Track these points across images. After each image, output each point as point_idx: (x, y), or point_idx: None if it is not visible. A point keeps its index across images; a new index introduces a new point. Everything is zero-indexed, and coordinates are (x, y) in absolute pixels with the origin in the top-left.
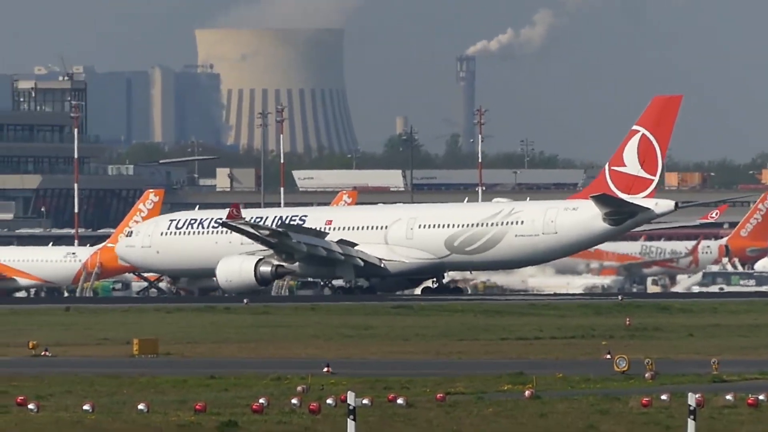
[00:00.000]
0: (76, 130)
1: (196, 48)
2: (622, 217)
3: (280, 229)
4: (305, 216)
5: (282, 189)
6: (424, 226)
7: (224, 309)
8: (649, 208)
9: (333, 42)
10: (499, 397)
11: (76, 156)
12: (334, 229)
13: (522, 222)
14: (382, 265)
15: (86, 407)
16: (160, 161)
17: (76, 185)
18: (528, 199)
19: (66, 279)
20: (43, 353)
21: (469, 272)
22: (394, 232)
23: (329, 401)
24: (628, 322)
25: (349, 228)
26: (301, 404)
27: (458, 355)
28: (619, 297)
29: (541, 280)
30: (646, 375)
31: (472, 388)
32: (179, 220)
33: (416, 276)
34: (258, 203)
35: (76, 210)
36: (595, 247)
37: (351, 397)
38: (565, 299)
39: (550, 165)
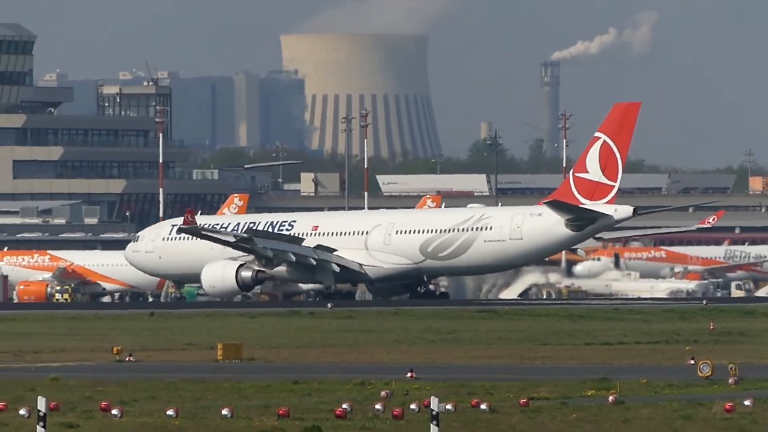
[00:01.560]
0: (161, 134)
1: (280, 53)
2: (583, 223)
3: (244, 235)
4: (294, 221)
5: (366, 193)
6: (401, 232)
7: (308, 313)
8: (608, 214)
9: (417, 47)
10: (582, 402)
11: (161, 160)
12: (320, 234)
13: (491, 228)
14: (363, 271)
15: (170, 412)
16: (245, 166)
17: (161, 190)
18: (499, 204)
19: (151, 284)
20: (127, 358)
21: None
22: (374, 237)
23: (413, 406)
24: (712, 327)
25: (333, 234)
26: (385, 409)
27: (542, 360)
28: (704, 301)
29: (626, 284)
30: (730, 380)
31: (555, 394)
32: (180, 225)
33: (398, 281)
34: (342, 207)
35: (161, 215)
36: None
37: (434, 403)
38: (650, 304)
39: (634, 170)
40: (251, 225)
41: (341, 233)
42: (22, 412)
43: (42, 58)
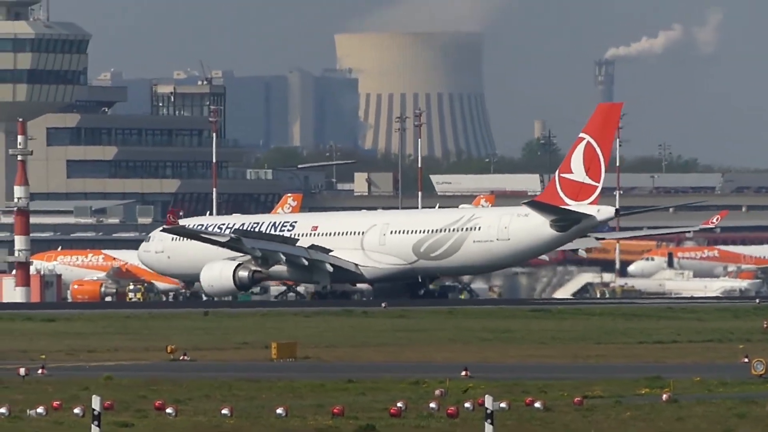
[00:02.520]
0: (214, 134)
1: (334, 52)
2: (567, 224)
3: (232, 235)
4: (295, 222)
5: (420, 193)
6: (395, 232)
7: (362, 313)
8: (590, 215)
9: (472, 46)
10: (636, 400)
11: (214, 160)
12: (319, 234)
13: (479, 228)
14: (359, 271)
15: (225, 411)
16: (299, 165)
17: (214, 189)
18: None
19: None
20: (181, 357)
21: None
22: (369, 237)
23: (467, 405)
24: (765, 326)
25: (331, 234)
26: (439, 408)
27: (596, 359)
28: (757, 300)
29: (679, 283)
30: None
31: (609, 392)
32: (189, 225)
33: (393, 281)
34: (396, 207)
35: (214, 214)
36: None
37: (489, 401)
38: (703, 302)
39: (688, 169)
40: (253, 226)
41: (339, 233)
42: (76, 411)
43: (96, 57)
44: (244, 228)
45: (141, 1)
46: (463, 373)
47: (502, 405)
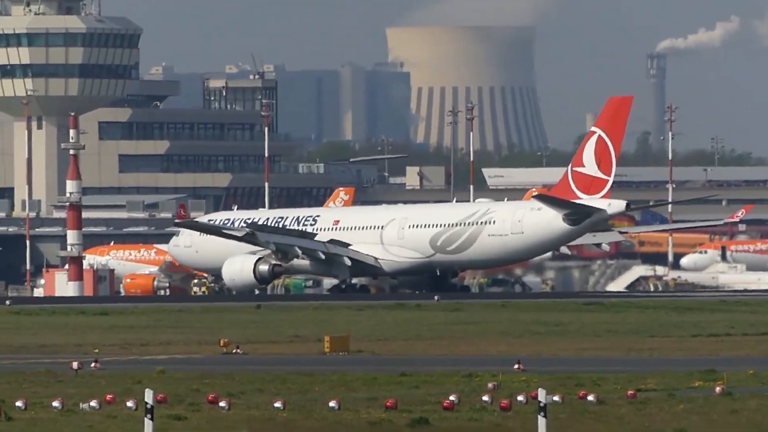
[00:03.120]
0: (266, 128)
1: (386, 46)
2: (579, 218)
3: (247, 229)
4: (318, 216)
5: (471, 187)
6: (413, 226)
7: (415, 306)
8: (601, 209)
9: (524, 39)
10: (690, 393)
11: (266, 154)
12: (340, 229)
13: (494, 222)
14: (378, 264)
15: (277, 405)
16: (351, 159)
17: (266, 183)
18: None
19: None
20: (234, 351)
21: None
22: (388, 232)
23: (520, 398)
24: None
25: (352, 228)
26: (492, 401)
27: (649, 352)
28: None
29: (732, 276)
30: None
31: (663, 385)
32: (216, 219)
33: (412, 274)
34: (448, 201)
35: (266, 208)
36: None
37: (542, 394)
38: (757, 295)
39: (741, 162)
40: (279, 220)
41: (359, 228)
42: (129, 404)
43: (148, 51)
44: (269, 222)
45: None
46: (516, 366)
47: (556, 398)
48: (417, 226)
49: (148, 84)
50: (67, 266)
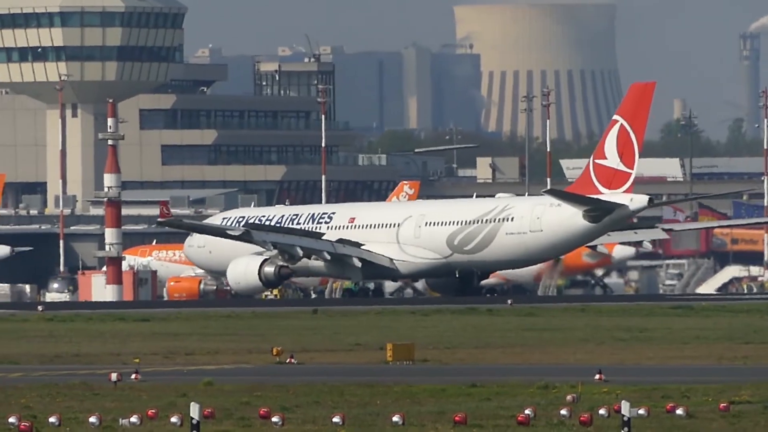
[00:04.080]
0: (323, 116)
1: (454, 25)
2: (599, 214)
3: (242, 228)
4: (333, 213)
5: (548, 179)
6: (430, 224)
7: (486, 311)
8: (623, 204)
9: (605, 18)
10: None
11: (323, 145)
12: (356, 227)
13: (512, 219)
14: (393, 266)
15: (336, 419)
16: (416, 150)
17: (323, 176)
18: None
19: (312, 282)
20: (288, 360)
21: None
22: (405, 230)
23: (602, 411)
24: None
25: (368, 226)
26: (571, 415)
27: (743, 360)
28: None
29: None
30: None
31: (758, 397)
32: (230, 218)
33: (428, 276)
34: (522, 194)
35: (323, 203)
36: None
37: (625, 407)
38: None
39: None
40: (294, 218)
41: (375, 226)
42: (173, 419)
43: (193, 32)
44: (282, 220)
45: None
46: (597, 376)
47: (641, 411)
48: (434, 224)
49: (194, 68)
50: (104, 268)
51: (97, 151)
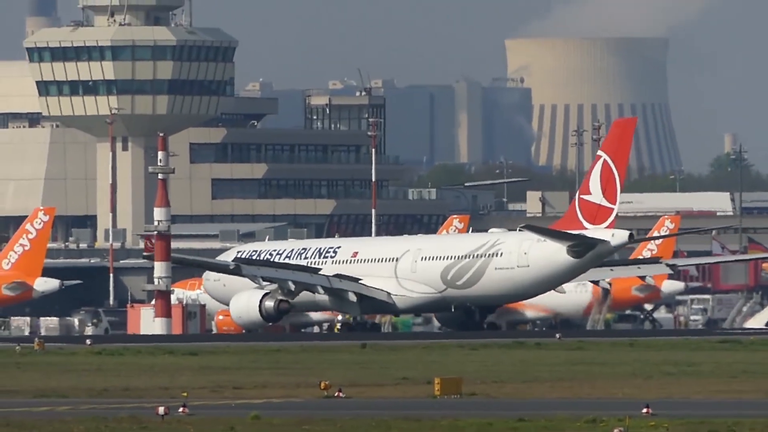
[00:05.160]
0: (373, 149)
1: (505, 59)
2: (582, 249)
3: (231, 264)
4: (339, 247)
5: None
6: (426, 259)
7: (535, 345)
8: (605, 240)
9: (656, 52)
10: None
11: (374, 179)
12: (359, 261)
13: (501, 254)
14: (391, 300)
15: None
16: (466, 184)
17: (373, 210)
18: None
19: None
20: (336, 394)
21: None
22: (402, 264)
23: None
24: None
25: (369, 260)
26: None
27: None
28: None
29: None
30: None
31: None
32: (244, 252)
33: (425, 311)
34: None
35: (373, 236)
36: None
37: None
38: None
39: None
40: (302, 251)
41: (376, 260)
42: None
43: (244, 65)
44: (291, 254)
45: (293, 5)
46: (645, 410)
47: None
48: (429, 259)
49: (244, 101)
50: (153, 301)
51: (147, 185)
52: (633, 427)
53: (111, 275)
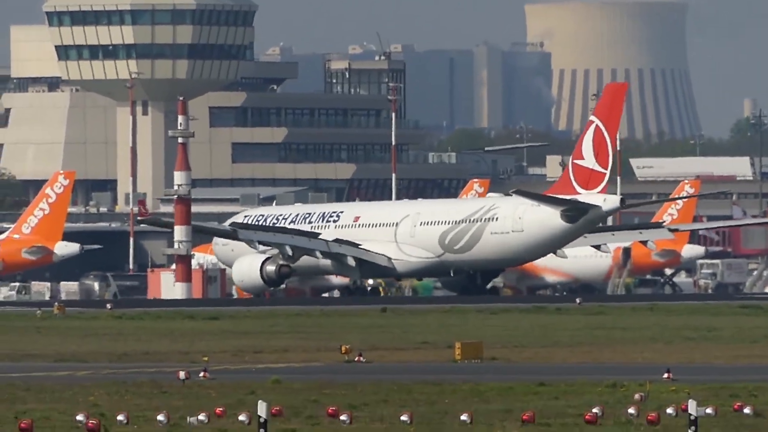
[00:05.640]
0: (393, 114)
1: (525, 24)
2: (575, 215)
3: (228, 228)
4: (342, 212)
5: (618, 178)
6: (424, 224)
7: (555, 310)
8: (597, 205)
9: (675, 16)
10: None
11: (393, 143)
12: (360, 225)
13: (497, 219)
14: (391, 265)
15: (404, 418)
16: (486, 148)
17: (393, 175)
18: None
19: None
20: (356, 358)
21: None
22: (402, 229)
23: (669, 411)
24: None
25: (371, 225)
26: (639, 414)
27: None
28: None
29: None
30: None
31: None
32: (251, 216)
33: (424, 275)
34: None
35: (393, 200)
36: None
37: (692, 406)
38: None
39: None
40: (306, 216)
41: (377, 225)
42: (241, 417)
43: (264, 30)
44: (296, 219)
45: None
46: (666, 375)
47: (708, 411)
48: (428, 224)
49: (264, 66)
50: (173, 266)
51: (167, 149)
52: (654, 392)
53: (131, 239)
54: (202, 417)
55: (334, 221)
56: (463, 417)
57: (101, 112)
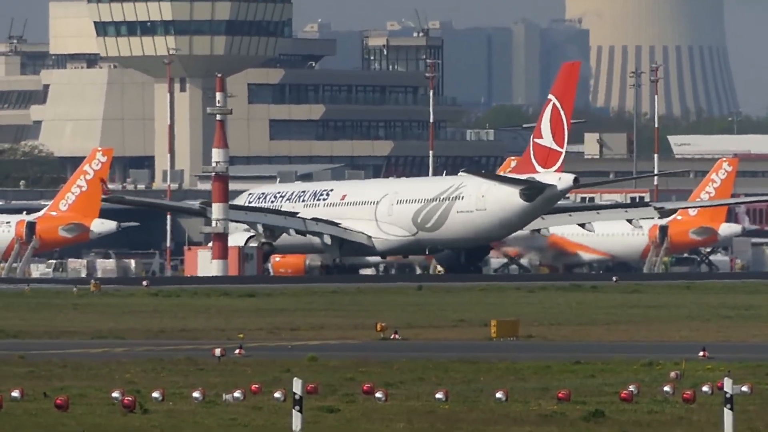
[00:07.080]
0: (431, 91)
1: (563, 1)
2: (532, 193)
3: (197, 206)
4: (331, 190)
5: (656, 156)
6: (401, 202)
7: (591, 288)
8: (551, 185)
9: None
10: None
11: (431, 120)
12: (346, 204)
13: (462, 197)
14: (371, 243)
15: (439, 395)
16: (523, 125)
17: (430, 152)
18: None
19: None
20: (392, 336)
21: None
22: (381, 207)
23: (705, 389)
24: None
25: (355, 203)
26: (674, 392)
27: None
28: None
29: None
30: None
31: None
32: (254, 194)
33: (401, 253)
34: (630, 171)
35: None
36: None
37: (728, 384)
38: None
39: None
40: (301, 194)
41: (359, 203)
42: (277, 395)
43: (302, 6)
44: (291, 197)
45: None
46: (702, 353)
47: (744, 389)
48: (403, 202)
49: (302, 42)
50: (210, 243)
51: (205, 126)
52: (690, 370)
53: (168, 217)
54: (237, 394)
55: (324, 200)
56: (499, 395)
57: (139, 88)
